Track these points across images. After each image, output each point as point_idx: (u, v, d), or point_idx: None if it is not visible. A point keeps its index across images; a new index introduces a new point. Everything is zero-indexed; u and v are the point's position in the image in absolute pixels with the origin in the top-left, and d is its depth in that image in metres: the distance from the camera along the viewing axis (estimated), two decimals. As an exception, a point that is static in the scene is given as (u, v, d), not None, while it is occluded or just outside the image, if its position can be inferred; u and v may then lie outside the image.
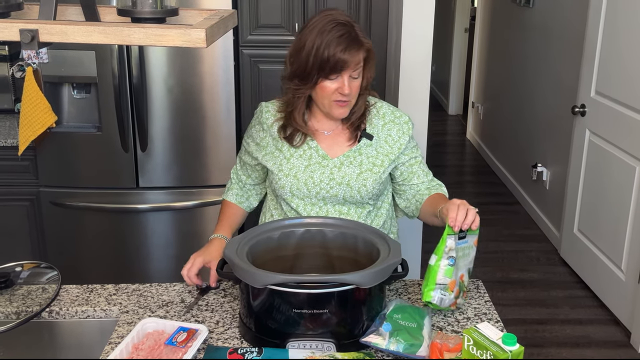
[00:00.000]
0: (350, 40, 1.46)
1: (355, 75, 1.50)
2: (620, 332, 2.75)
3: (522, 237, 3.73)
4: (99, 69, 2.39)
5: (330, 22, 1.48)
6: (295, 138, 1.58)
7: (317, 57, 1.46)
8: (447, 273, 1.36)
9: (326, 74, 1.47)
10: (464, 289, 1.42)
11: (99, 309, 1.46)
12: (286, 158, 1.59)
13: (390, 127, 1.61)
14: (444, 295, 1.36)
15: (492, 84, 5.05)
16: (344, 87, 1.48)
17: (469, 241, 1.40)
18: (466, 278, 1.43)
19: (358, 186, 1.56)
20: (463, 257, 1.40)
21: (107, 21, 1.15)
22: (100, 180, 2.53)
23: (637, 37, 2.62)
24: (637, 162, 2.65)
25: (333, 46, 1.45)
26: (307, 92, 1.52)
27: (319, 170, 1.56)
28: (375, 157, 1.58)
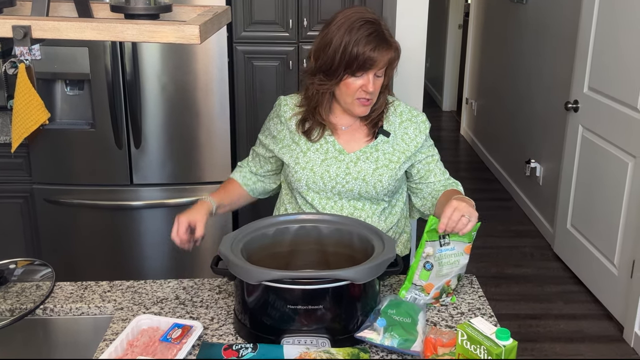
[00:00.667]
0: (380, 40, 1.47)
1: (380, 74, 1.51)
2: (613, 326, 2.77)
3: (516, 233, 3.74)
4: (92, 66, 2.39)
5: (359, 20, 1.48)
6: (313, 132, 1.59)
7: (345, 53, 1.46)
8: (423, 276, 1.40)
9: (353, 71, 1.48)
10: (448, 291, 1.43)
11: (94, 306, 1.46)
12: (303, 151, 1.59)
13: (407, 126, 1.62)
14: (417, 295, 1.41)
15: (486, 81, 5.06)
16: (369, 85, 1.49)
17: (455, 248, 1.41)
18: (454, 282, 1.44)
19: (374, 182, 1.57)
20: (449, 264, 1.41)
21: (100, 17, 1.15)
22: (94, 177, 2.52)
23: (630, 33, 2.64)
24: (630, 158, 2.66)
25: (362, 44, 1.45)
26: (331, 88, 1.53)
27: (335, 165, 1.57)
28: (392, 154, 1.59)
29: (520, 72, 4.19)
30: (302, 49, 2.59)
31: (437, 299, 1.43)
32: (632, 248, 2.65)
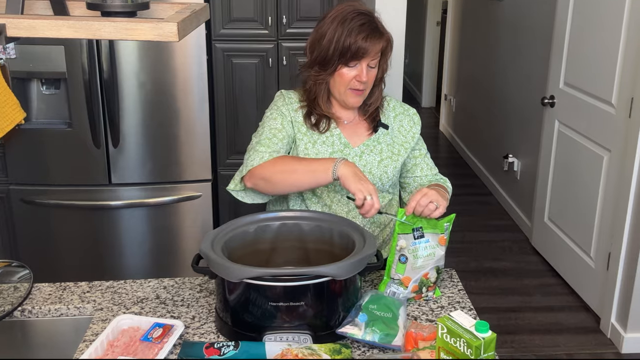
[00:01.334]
0: (372, 29, 1.51)
1: (373, 65, 1.54)
2: (590, 318, 2.82)
3: (495, 227, 3.79)
4: (69, 64, 2.36)
5: (352, 12, 1.52)
6: (321, 124, 1.60)
7: (338, 44, 1.50)
8: (399, 270, 1.42)
9: (346, 60, 1.51)
10: (428, 284, 1.45)
11: (73, 306, 1.44)
12: (311, 142, 1.60)
13: (401, 119, 1.67)
14: (397, 290, 1.42)
15: (464, 77, 5.11)
16: (362, 75, 1.52)
17: (430, 240, 1.43)
18: (433, 275, 1.45)
19: (380, 173, 1.60)
20: (424, 256, 1.42)
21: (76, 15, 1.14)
22: (71, 177, 2.49)
23: (604, 29, 2.68)
24: (605, 152, 2.71)
25: (355, 34, 1.49)
26: (327, 79, 1.56)
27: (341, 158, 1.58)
28: (392, 146, 1.64)
29: (498, 68, 4.24)
30: (282, 46, 2.59)
31: (418, 293, 1.44)
32: (607, 241, 2.70)
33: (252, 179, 1.50)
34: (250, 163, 1.51)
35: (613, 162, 2.65)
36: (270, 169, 1.48)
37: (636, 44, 2.45)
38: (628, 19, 2.51)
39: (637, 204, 2.49)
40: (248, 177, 1.51)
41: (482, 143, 4.61)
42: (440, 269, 1.47)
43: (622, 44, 2.55)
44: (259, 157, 1.50)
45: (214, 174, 2.67)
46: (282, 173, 1.47)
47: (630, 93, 2.49)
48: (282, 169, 1.48)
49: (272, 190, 1.52)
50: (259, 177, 1.49)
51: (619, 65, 2.57)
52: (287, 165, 1.49)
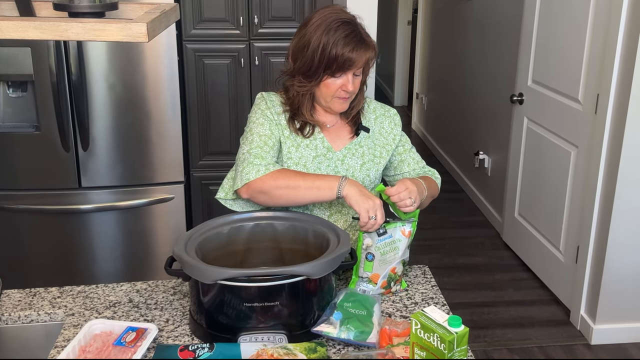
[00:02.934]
0: (358, 40, 1.49)
1: (358, 73, 1.53)
2: (561, 310, 2.88)
3: (467, 224, 3.84)
4: (36, 66, 2.31)
5: (336, 21, 1.49)
6: (306, 129, 1.59)
7: (324, 55, 1.47)
8: (367, 268, 1.44)
9: (332, 72, 1.49)
10: (396, 278, 1.47)
11: (43, 312, 1.42)
12: (294, 146, 1.58)
13: (382, 120, 1.67)
14: (366, 287, 1.45)
15: (435, 75, 5.16)
16: (349, 85, 1.51)
17: (393, 236, 1.45)
18: (400, 269, 1.47)
19: (362, 177, 1.60)
20: (390, 251, 1.45)
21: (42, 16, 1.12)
22: (40, 181, 2.45)
23: (571, 27, 2.74)
24: (573, 147, 2.77)
25: (341, 45, 1.47)
26: (312, 89, 1.54)
27: (325, 162, 1.58)
28: (374, 149, 1.63)
29: (468, 66, 4.29)
30: (254, 46, 2.58)
31: (387, 288, 1.47)
32: (576, 234, 2.76)
33: (250, 191, 1.48)
34: (246, 177, 1.47)
35: (580, 157, 2.71)
36: (271, 183, 1.45)
37: (601, 42, 2.51)
38: (593, 18, 2.57)
39: (604, 198, 2.55)
40: (245, 190, 1.48)
41: (453, 140, 4.67)
42: (405, 262, 1.49)
43: (587, 41, 2.61)
44: (255, 170, 1.47)
45: (187, 176, 2.65)
46: (284, 189, 1.45)
47: (596, 90, 2.55)
48: (285, 184, 1.45)
49: (271, 203, 1.50)
50: (258, 190, 1.47)
51: (585, 63, 2.63)
52: (290, 180, 1.46)
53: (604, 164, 2.53)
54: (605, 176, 2.53)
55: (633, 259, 2.56)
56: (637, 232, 2.52)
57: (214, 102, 2.63)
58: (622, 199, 2.47)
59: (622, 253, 2.54)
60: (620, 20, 2.36)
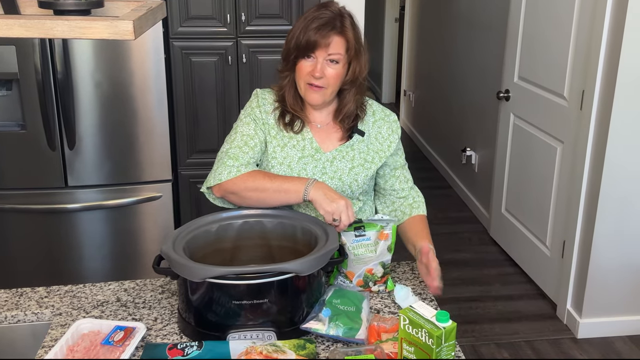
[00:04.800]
0: (325, 23, 1.49)
1: (333, 59, 1.50)
2: (547, 305, 2.91)
3: (455, 219, 3.86)
4: (21, 64, 2.29)
5: (315, 8, 1.52)
6: (295, 124, 1.58)
7: (294, 37, 1.51)
8: (344, 265, 1.46)
9: (300, 53, 1.50)
10: (375, 279, 1.46)
11: (30, 312, 1.41)
12: (280, 146, 1.57)
13: (380, 125, 1.63)
14: (343, 282, 1.46)
15: (422, 72, 5.18)
16: (316, 69, 1.50)
17: (371, 238, 1.45)
18: (378, 270, 1.46)
19: (350, 181, 1.57)
20: (366, 253, 1.45)
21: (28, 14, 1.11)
22: (26, 180, 2.43)
23: (556, 24, 2.76)
24: (558, 143, 2.80)
25: (308, 27, 1.49)
26: (291, 75, 1.55)
27: (312, 164, 1.56)
28: (367, 153, 1.59)
29: (454, 63, 4.31)
30: (241, 44, 2.58)
31: (366, 287, 1.47)
32: (562, 229, 2.79)
33: (221, 191, 1.50)
34: (219, 177, 1.49)
35: (566, 153, 2.74)
36: (241, 185, 1.47)
37: (586, 38, 2.54)
38: (579, 14, 2.59)
39: (589, 193, 2.58)
40: (217, 189, 1.50)
41: (440, 137, 4.69)
42: (386, 265, 1.48)
43: (572, 38, 2.63)
44: (226, 172, 1.48)
45: (175, 174, 2.64)
46: (253, 191, 1.47)
47: (581, 86, 2.58)
48: (253, 186, 1.47)
49: (243, 204, 1.51)
50: (229, 191, 1.49)
51: (570, 59, 2.66)
52: (258, 182, 1.47)
53: (589, 159, 2.55)
54: (591, 171, 2.56)
55: (618, 253, 2.59)
56: (622, 226, 2.56)
57: (202, 100, 2.62)
58: (607, 194, 2.50)
59: (608, 247, 2.57)
60: (604, 17, 2.38)
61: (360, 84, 1.59)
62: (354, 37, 1.54)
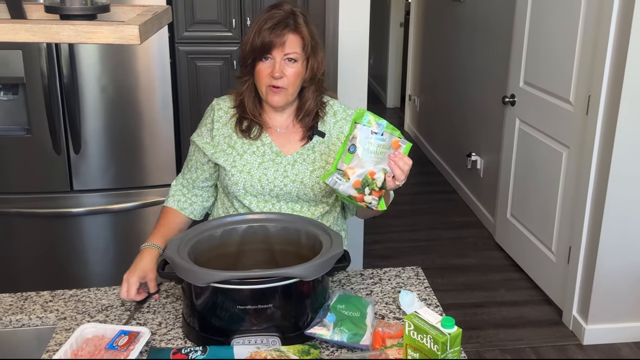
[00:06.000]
0: (279, 21, 1.50)
1: (291, 57, 1.50)
2: (553, 311, 2.89)
3: (459, 224, 3.85)
4: (27, 69, 2.30)
5: (268, 9, 1.53)
6: (253, 130, 1.58)
7: (249, 40, 1.51)
8: (346, 159, 1.35)
9: (257, 55, 1.50)
10: (374, 187, 1.36)
11: (35, 316, 1.41)
12: (239, 154, 1.57)
13: (342, 125, 1.62)
14: (339, 180, 1.34)
15: (427, 77, 5.18)
16: (275, 69, 1.49)
17: (386, 140, 1.36)
18: (380, 177, 1.36)
19: (312, 184, 1.56)
20: (375, 153, 1.35)
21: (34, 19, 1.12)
22: (31, 184, 2.43)
23: (562, 29, 2.76)
24: (564, 148, 2.79)
25: (261, 28, 1.49)
26: (250, 79, 1.56)
27: (273, 168, 1.56)
28: (328, 155, 1.58)
29: (459, 68, 4.31)
30: (245, 49, 2.58)
31: (360, 192, 1.35)
32: (568, 235, 2.78)
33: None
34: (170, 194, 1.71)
35: (572, 158, 2.73)
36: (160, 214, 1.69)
37: (592, 43, 2.53)
38: (584, 19, 2.58)
39: (595, 199, 2.57)
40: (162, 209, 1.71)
41: (445, 142, 4.68)
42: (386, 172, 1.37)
43: (578, 43, 2.62)
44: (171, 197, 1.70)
45: (179, 178, 2.64)
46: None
47: (587, 91, 2.57)
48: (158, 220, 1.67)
49: None
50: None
51: (576, 64, 2.65)
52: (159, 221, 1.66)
53: (595, 164, 2.54)
54: (597, 177, 2.54)
55: (624, 259, 2.57)
56: (628, 232, 2.54)
57: (206, 104, 2.60)
58: (614, 199, 2.49)
59: (614, 253, 2.56)
60: (610, 22, 2.38)
61: (319, 81, 1.59)
62: (309, 34, 1.53)
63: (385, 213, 1.45)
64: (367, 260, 3.08)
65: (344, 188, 1.34)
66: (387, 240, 3.57)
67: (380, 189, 1.35)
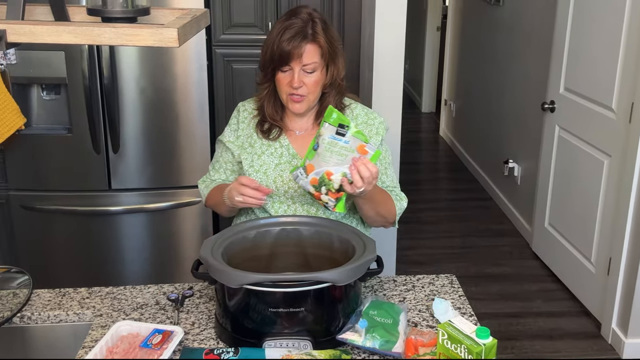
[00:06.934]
0: (296, 33, 1.48)
1: (309, 70, 1.50)
2: (591, 323, 2.82)
3: (495, 232, 3.78)
4: (69, 70, 2.36)
5: (287, 15, 1.52)
6: (272, 132, 1.60)
7: (268, 49, 1.51)
8: (309, 155, 1.38)
9: (276, 65, 1.51)
10: (330, 187, 1.36)
11: (72, 313, 1.44)
12: (257, 154, 1.60)
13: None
14: (300, 174, 1.39)
15: (464, 82, 5.11)
16: (293, 80, 1.50)
17: (349, 143, 1.35)
18: (336, 178, 1.36)
19: None
20: (335, 153, 1.35)
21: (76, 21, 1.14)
22: (71, 182, 2.49)
23: (604, 34, 2.69)
24: (606, 157, 2.71)
25: (280, 39, 1.48)
26: (270, 85, 1.57)
27: (289, 169, 1.57)
28: None
29: (497, 73, 4.24)
30: (281, 52, 2.59)
31: (317, 190, 1.38)
32: (608, 246, 2.70)
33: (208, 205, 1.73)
34: (202, 193, 1.72)
35: (613, 167, 2.65)
36: (210, 202, 1.69)
37: (636, 49, 2.45)
38: (628, 24, 2.51)
39: (637, 209, 2.49)
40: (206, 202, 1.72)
41: (482, 148, 4.61)
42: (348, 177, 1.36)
43: (622, 48, 2.55)
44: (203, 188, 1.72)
45: (214, 179, 2.67)
46: (214, 207, 1.68)
47: (631, 98, 2.49)
48: (213, 203, 1.67)
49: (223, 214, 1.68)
50: (209, 206, 1.72)
51: (619, 70, 2.58)
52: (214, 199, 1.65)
53: (638, 173, 2.46)
54: (639, 186, 2.47)
55: (668, 272, 2.49)
56: (672, 244, 2.45)
57: (242, 106, 2.64)
58: (657, 210, 2.41)
59: (657, 266, 2.48)
60: (657, 27, 2.30)
61: (340, 85, 1.58)
62: (327, 41, 1.51)
63: (419, 219, 1.43)
64: (399, 266, 3.05)
65: (303, 183, 1.38)
66: (420, 247, 3.53)
67: (337, 191, 1.37)
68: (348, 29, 2.56)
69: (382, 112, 1.70)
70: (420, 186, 4.55)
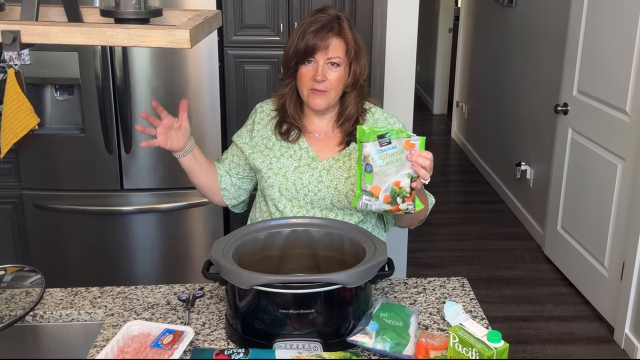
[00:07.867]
0: (323, 25, 1.50)
1: (334, 63, 1.51)
2: (604, 328, 2.79)
3: (507, 235, 3.76)
4: (82, 70, 2.37)
5: (313, 13, 1.53)
6: (291, 134, 1.60)
7: (293, 43, 1.52)
8: (367, 179, 1.35)
9: (300, 58, 1.51)
10: (403, 194, 1.36)
11: (84, 312, 1.45)
12: (276, 157, 1.59)
13: None
14: (369, 201, 1.35)
15: (476, 84, 5.09)
16: (317, 72, 1.50)
17: (397, 146, 1.34)
18: (405, 183, 1.35)
19: (346, 190, 1.55)
20: (392, 163, 1.34)
21: (89, 22, 1.15)
22: (83, 182, 2.50)
23: (618, 37, 2.66)
24: (619, 160, 2.68)
25: (306, 31, 1.50)
26: (292, 82, 1.56)
27: (308, 172, 1.57)
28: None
29: (510, 75, 4.22)
30: (293, 53, 2.59)
31: (393, 204, 1.35)
32: (621, 250, 2.67)
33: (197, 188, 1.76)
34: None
35: (627, 170, 2.62)
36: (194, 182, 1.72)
37: (651, 52, 2.43)
38: (642, 26, 2.48)
39: (651, 213, 2.46)
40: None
41: (494, 150, 4.58)
42: (412, 176, 1.35)
43: (636, 51, 2.53)
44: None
45: (225, 180, 2.67)
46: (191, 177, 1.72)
47: (645, 101, 2.47)
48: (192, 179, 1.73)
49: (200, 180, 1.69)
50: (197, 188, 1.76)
51: (634, 73, 2.55)
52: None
53: (653, 177, 2.44)
54: (654, 190, 2.44)
55: (682, 277, 2.46)
56: (687, 249, 2.42)
57: (253, 107, 2.64)
58: (672, 214, 2.38)
59: (671, 270, 2.45)
60: (672, 29, 2.28)
61: (362, 87, 1.58)
62: (353, 38, 1.53)
63: (430, 221, 1.43)
64: (410, 268, 3.04)
65: (376, 207, 1.36)
66: (431, 249, 3.52)
67: (410, 193, 1.36)
68: (360, 30, 2.53)
69: (394, 114, 1.70)
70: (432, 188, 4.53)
